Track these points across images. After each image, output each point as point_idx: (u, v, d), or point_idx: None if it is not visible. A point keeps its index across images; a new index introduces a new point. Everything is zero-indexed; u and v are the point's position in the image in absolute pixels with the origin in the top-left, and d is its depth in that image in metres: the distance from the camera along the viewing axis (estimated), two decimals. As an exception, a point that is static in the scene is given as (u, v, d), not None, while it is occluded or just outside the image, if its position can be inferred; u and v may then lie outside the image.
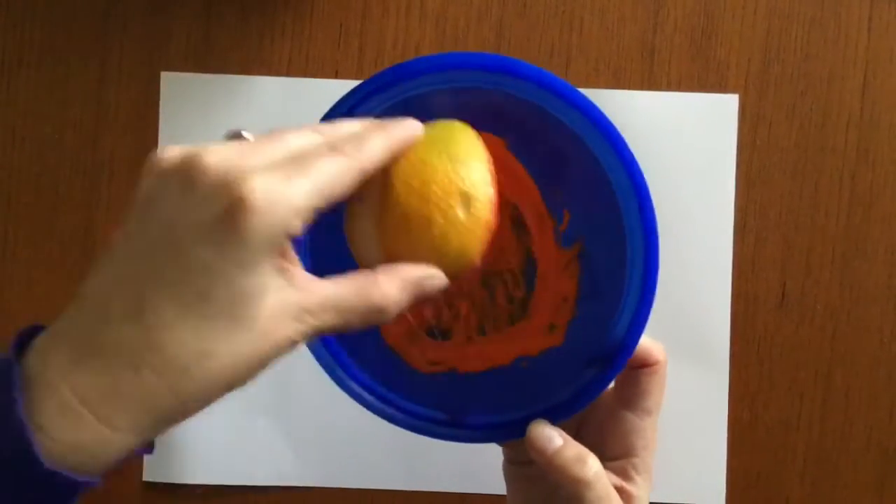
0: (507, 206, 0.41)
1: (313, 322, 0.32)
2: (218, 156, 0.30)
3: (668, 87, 0.52)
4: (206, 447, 0.51)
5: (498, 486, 0.52)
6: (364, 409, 0.43)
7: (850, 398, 0.52)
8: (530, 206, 0.41)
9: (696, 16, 0.52)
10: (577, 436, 0.43)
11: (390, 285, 0.34)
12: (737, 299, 0.51)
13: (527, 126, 0.40)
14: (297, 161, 0.31)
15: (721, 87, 0.52)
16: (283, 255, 0.32)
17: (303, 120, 0.53)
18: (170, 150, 0.31)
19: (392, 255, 0.36)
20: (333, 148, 0.32)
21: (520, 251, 0.42)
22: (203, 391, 0.30)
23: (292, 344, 0.32)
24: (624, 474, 0.42)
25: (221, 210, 0.29)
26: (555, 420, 0.41)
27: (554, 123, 0.40)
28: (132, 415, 0.30)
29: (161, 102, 0.52)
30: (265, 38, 0.52)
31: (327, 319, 0.32)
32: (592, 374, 0.41)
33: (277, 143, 0.32)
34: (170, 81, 0.52)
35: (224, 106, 0.52)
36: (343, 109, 0.40)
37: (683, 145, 0.51)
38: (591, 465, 0.40)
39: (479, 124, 0.39)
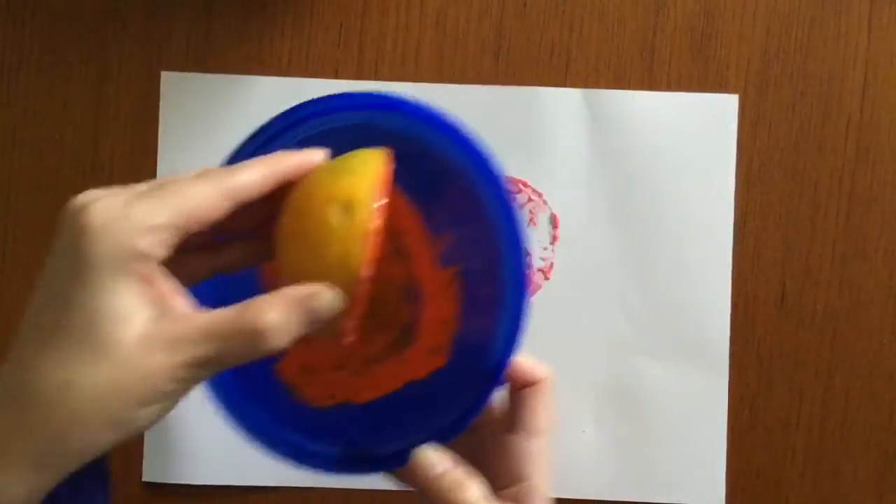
0: (389, 231, 0.41)
1: (190, 352, 0.30)
2: (96, 195, 0.30)
3: (668, 87, 0.52)
4: (206, 447, 0.51)
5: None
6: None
7: (850, 398, 0.52)
8: (411, 229, 0.42)
9: (696, 16, 0.52)
10: (475, 464, 0.41)
11: (272, 307, 0.32)
12: (737, 299, 0.51)
13: (407, 151, 0.40)
14: (156, 187, 0.31)
15: (721, 87, 0.52)
16: (149, 282, 0.30)
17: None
18: (82, 196, 0.31)
19: (279, 271, 0.35)
20: (199, 175, 0.32)
21: (403, 275, 0.43)
22: (77, 427, 0.29)
23: (172, 379, 0.30)
24: (518, 501, 0.40)
25: (69, 239, 0.30)
26: (441, 443, 0.40)
27: (430, 148, 0.41)
28: (12, 457, 0.29)
29: (161, 102, 0.52)
30: (265, 38, 0.52)
31: (207, 349, 0.30)
32: (475, 394, 0.41)
33: (157, 181, 0.32)
34: (170, 81, 0.52)
35: (224, 106, 0.52)
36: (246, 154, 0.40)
37: (683, 145, 0.51)
38: (472, 492, 0.38)
39: None
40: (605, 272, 0.52)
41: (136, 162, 0.52)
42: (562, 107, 0.52)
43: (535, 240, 0.52)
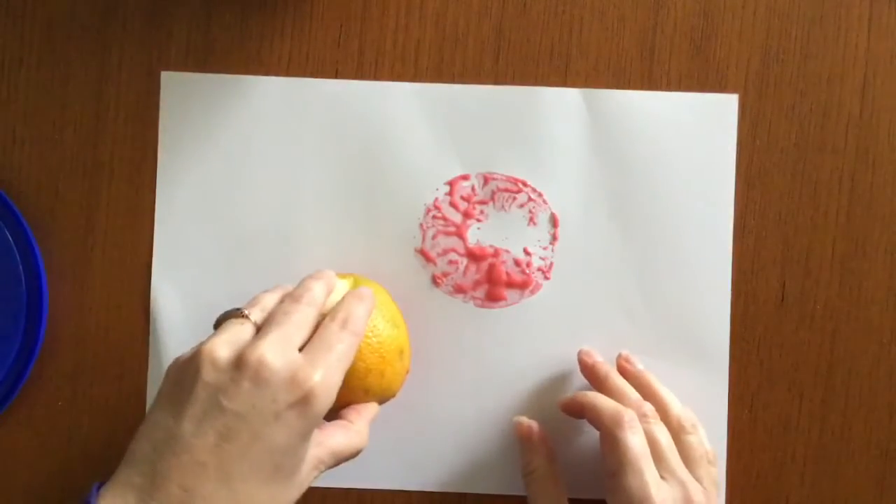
0: None
1: (324, 469, 0.42)
2: (277, 354, 0.39)
3: (668, 87, 0.52)
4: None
5: (495, 486, 0.52)
6: None
7: (849, 398, 0.52)
8: None
9: (695, 16, 0.52)
10: None
11: (364, 429, 0.44)
12: (737, 299, 0.51)
13: None
14: (327, 348, 0.41)
15: (721, 87, 0.52)
16: None
17: (303, 120, 0.53)
18: (221, 348, 0.39)
19: (349, 396, 0.44)
20: (343, 327, 0.42)
21: None
22: None
23: (312, 482, 0.42)
24: None
25: (295, 399, 0.38)
26: None
27: None
28: None
29: (161, 102, 0.52)
30: (265, 38, 0.52)
31: (331, 464, 0.42)
32: None
33: (298, 328, 0.41)
34: (170, 81, 0.52)
35: (224, 106, 0.52)
36: None
37: (683, 145, 0.51)
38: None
39: None
40: (605, 272, 0.52)
41: (136, 162, 0.52)
42: (562, 106, 0.52)
43: (535, 239, 0.52)
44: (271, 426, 0.38)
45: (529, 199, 0.52)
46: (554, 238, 0.52)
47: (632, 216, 0.51)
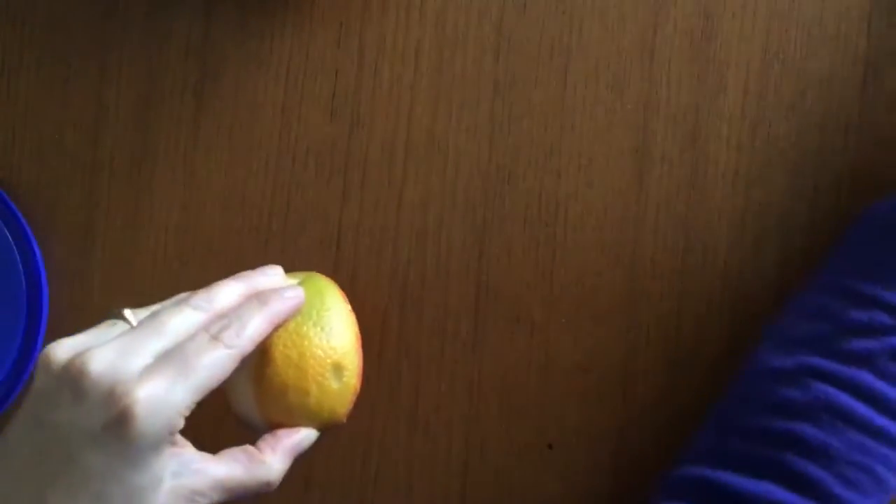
0: None
1: (204, 501, 0.35)
2: (103, 362, 0.33)
3: (668, 86, 0.52)
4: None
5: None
6: None
7: (849, 398, 0.52)
8: None
9: (695, 16, 0.52)
10: None
11: (275, 460, 0.38)
12: (734, 299, 0.51)
13: None
14: (179, 360, 0.34)
15: (721, 87, 0.52)
16: (173, 442, 0.35)
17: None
18: (60, 350, 0.34)
19: (269, 415, 0.40)
20: (215, 338, 0.35)
21: None
22: None
23: None
24: None
25: (109, 419, 0.32)
26: None
27: None
28: None
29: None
30: (265, 38, 0.52)
31: (216, 497, 0.36)
32: None
33: (158, 335, 0.35)
34: None
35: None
36: None
37: None
38: None
39: None
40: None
41: (136, 162, 0.52)
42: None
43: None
44: (85, 448, 0.33)
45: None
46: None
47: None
